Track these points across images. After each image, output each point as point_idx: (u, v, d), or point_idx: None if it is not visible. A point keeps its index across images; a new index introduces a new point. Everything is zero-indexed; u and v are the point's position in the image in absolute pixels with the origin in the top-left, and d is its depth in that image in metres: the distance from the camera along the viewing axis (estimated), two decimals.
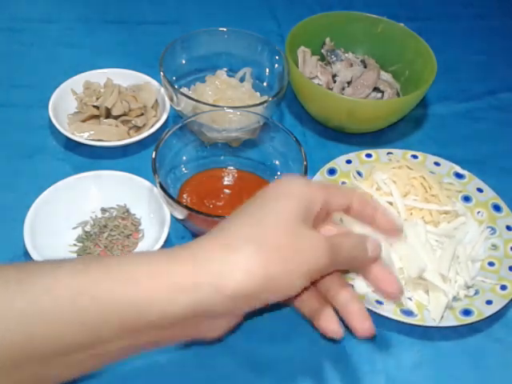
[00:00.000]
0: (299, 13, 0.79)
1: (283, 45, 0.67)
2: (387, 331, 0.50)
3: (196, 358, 0.47)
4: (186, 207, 0.49)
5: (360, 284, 0.51)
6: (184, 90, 0.66)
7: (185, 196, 0.56)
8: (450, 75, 0.78)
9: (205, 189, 0.57)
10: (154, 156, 0.52)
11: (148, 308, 0.33)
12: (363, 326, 0.40)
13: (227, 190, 0.58)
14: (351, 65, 0.71)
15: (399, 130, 0.70)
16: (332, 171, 0.60)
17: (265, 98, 0.65)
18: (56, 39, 0.77)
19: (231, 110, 0.58)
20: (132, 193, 0.56)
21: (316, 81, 0.70)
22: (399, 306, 0.49)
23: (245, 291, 0.34)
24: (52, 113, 0.62)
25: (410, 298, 0.51)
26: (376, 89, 0.69)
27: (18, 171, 0.60)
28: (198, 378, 0.46)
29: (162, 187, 0.50)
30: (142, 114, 0.65)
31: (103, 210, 0.56)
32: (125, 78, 0.68)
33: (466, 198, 0.60)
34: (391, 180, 0.58)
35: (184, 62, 0.68)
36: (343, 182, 0.60)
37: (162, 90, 0.65)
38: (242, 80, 0.69)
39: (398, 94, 0.71)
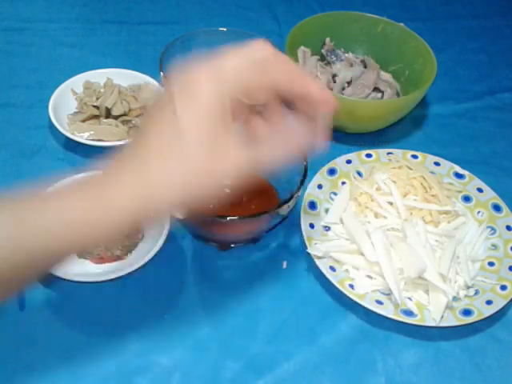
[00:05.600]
0: (299, 13, 0.79)
1: (283, 45, 0.67)
2: (387, 331, 0.50)
3: (196, 358, 0.47)
4: None
5: (360, 284, 0.51)
6: None
7: None
8: (449, 75, 0.79)
9: None
10: None
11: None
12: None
13: (227, 190, 0.57)
14: (351, 65, 0.71)
15: (399, 130, 0.70)
16: (332, 171, 0.60)
17: None
18: (56, 39, 0.77)
19: None
20: None
21: None
22: (399, 306, 0.49)
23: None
24: (52, 113, 0.62)
25: (409, 298, 0.51)
26: (376, 89, 0.69)
27: (18, 171, 0.60)
28: (197, 377, 0.46)
29: None
30: (142, 114, 0.65)
31: None
32: (125, 78, 0.68)
33: (466, 198, 0.60)
34: (391, 180, 0.58)
35: None
36: (343, 183, 0.60)
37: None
38: None
39: (397, 94, 0.71)
